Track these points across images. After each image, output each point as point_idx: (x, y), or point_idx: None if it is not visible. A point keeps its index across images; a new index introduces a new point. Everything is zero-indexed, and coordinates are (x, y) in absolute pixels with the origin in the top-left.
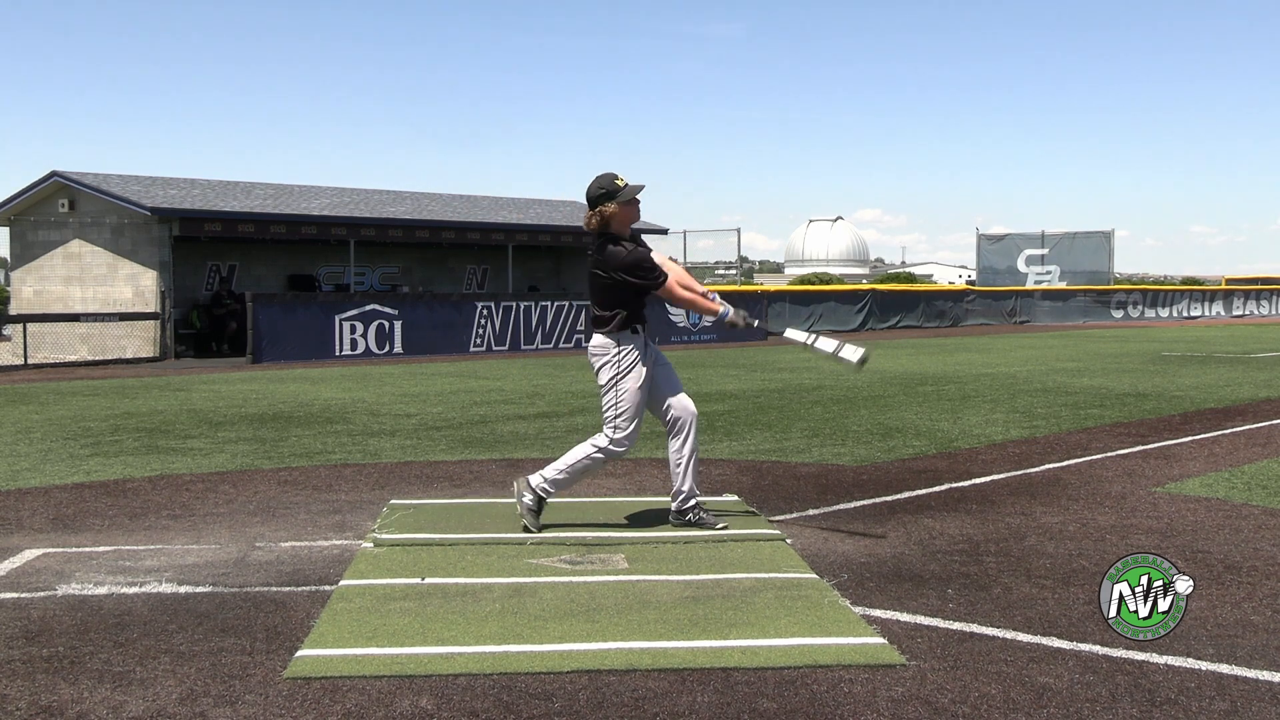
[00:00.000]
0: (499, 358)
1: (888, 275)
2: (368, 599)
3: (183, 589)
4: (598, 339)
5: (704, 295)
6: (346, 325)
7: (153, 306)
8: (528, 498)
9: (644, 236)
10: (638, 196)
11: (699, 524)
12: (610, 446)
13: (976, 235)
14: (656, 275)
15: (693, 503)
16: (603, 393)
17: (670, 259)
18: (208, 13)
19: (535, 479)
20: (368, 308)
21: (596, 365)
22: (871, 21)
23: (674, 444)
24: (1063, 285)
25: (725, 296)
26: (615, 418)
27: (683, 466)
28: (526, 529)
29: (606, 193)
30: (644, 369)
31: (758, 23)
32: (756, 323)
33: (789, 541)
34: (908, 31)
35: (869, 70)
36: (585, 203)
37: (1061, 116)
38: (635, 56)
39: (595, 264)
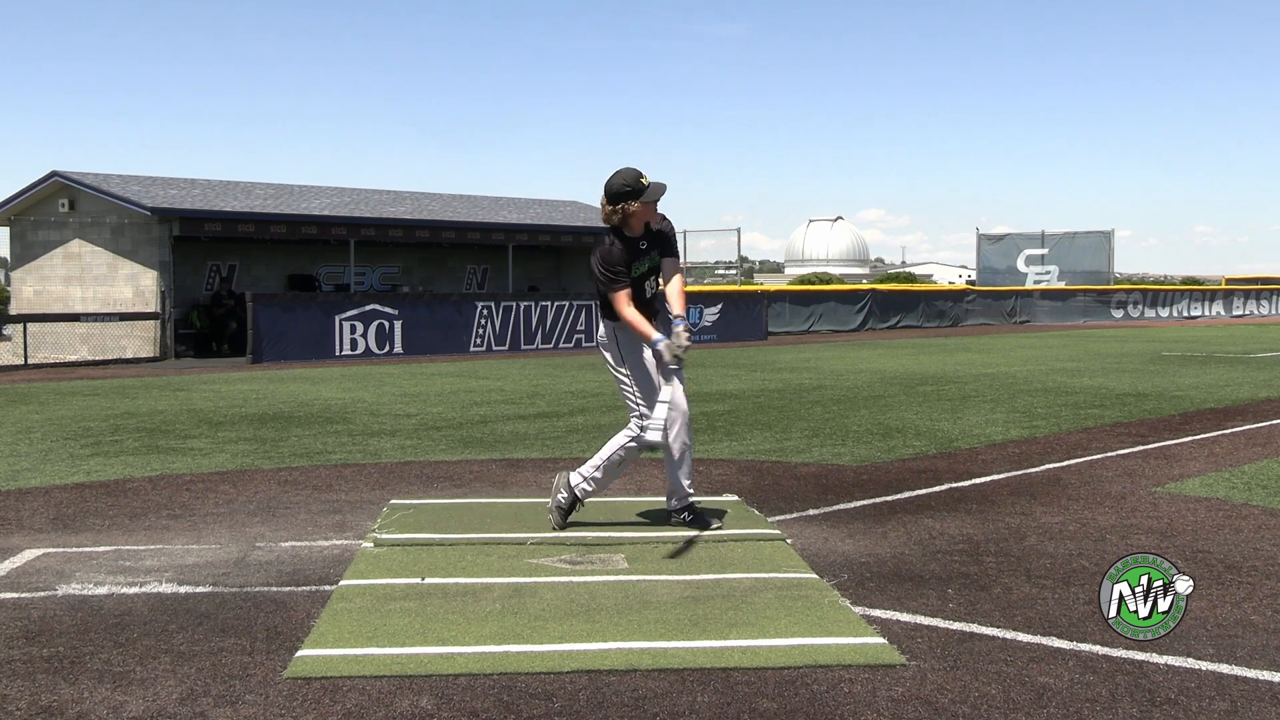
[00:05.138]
0: (499, 358)
1: (888, 275)
2: (368, 599)
3: (183, 589)
4: (602, 326)
5: (647, 322)
6: (346, 325)
7: (153, 306)
8: (562, 495)
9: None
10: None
11: (692, 524)
12: (642, 433)
13: (976, 235)
14: (611, 281)
15: (685, 504)
16: (617, 381)
17: (679, 272)
18: (208, 13)
19: (575, 477)
20: (368, 308)
21: (604, 354)
22: (875, 22)
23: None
24: (1062, 285)
25: (725, 297)
26: (635, 399)
27: (669, 467)
28: (554, 527)
29: (632, 190)
30: (647, 351)
31: (762, 22)
32: (685, 348)
33: (789, 541)
34: (911, 32)
35: (873, 70)
36: (599, 198)
37: (1067, 117)
38: (637, 56)
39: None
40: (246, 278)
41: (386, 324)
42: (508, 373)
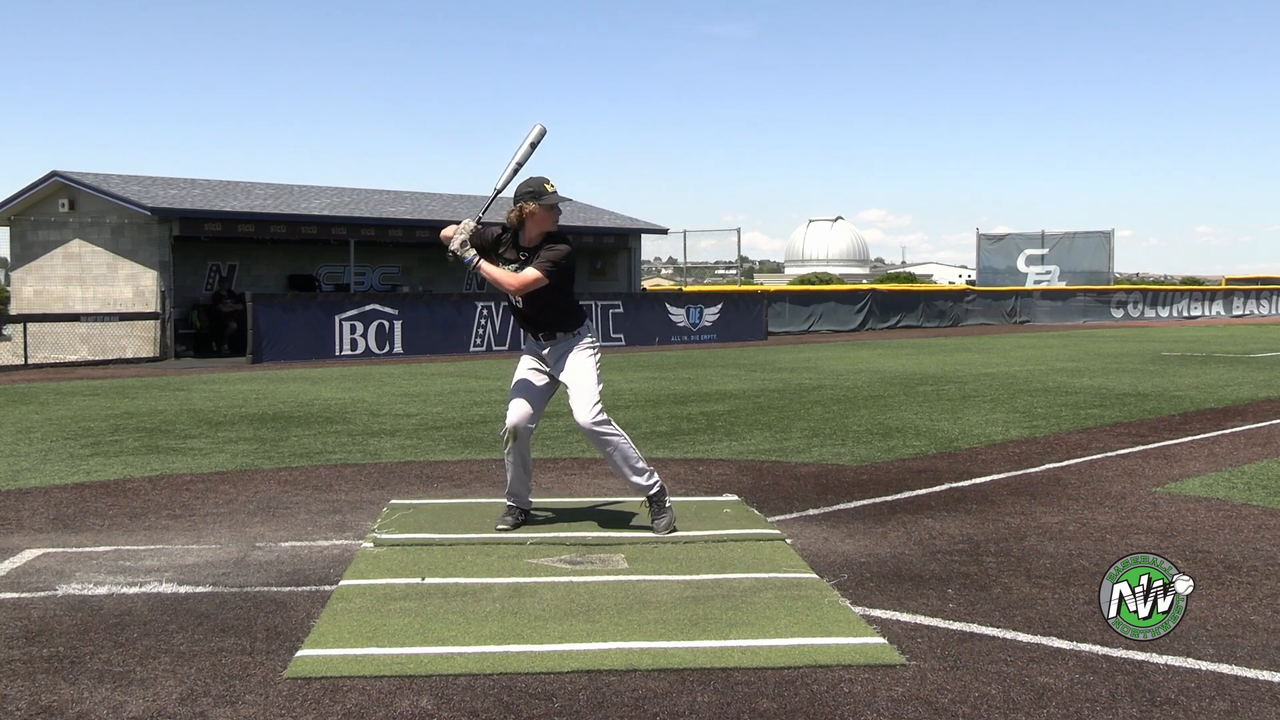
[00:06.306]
0: (499, 358)
1: (887, 275)
2: (368, 599)
3: (183, 589)
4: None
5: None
6: (346, 325)
7: (153, 306)
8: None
9: (644, 236)
10: (560, 206)
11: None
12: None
13: (976, 235)
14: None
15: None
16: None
17: (530, 275)
18: (208, 13)
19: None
20: (368, 308)
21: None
22: (876, 23)
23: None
24: (1062, 285)
25: (725, 297)
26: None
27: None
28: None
29: (532, 192)
30: (520, 364)
31: (764, 23)
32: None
33: (789, 541)
34: (912, 32)
35: (873, 70)
36: (554, 202)
37: (1067, 117)
38: (639, 56)
39: None
40: (246, 278)
41: (386, 324)
42: (507, 373)
